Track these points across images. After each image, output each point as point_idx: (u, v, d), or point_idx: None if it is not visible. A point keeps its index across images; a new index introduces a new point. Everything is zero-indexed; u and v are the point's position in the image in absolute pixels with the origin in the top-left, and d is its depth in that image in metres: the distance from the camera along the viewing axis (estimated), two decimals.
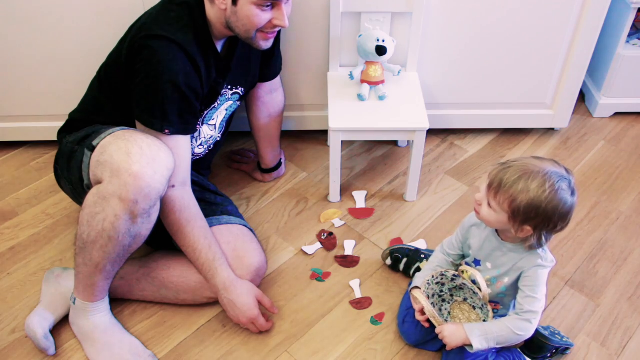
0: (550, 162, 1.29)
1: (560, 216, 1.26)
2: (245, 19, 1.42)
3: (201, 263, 1.52)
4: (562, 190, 1.25)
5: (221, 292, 1.52)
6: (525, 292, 1.36)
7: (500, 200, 1.28)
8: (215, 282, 1.52)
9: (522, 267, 1.36)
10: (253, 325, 1.54)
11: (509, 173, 1.27)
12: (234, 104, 1.71)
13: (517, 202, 1.25)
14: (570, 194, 1.26)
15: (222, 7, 1.42)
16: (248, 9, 1.40)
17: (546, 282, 1.36)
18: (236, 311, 1.52)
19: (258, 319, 1.53)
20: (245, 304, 1.51)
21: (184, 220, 1.49)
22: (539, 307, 1.35)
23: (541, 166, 1.27)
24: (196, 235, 1.50)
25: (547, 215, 1.25)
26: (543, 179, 1.24)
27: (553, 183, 1.24)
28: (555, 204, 1.24)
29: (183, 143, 1.48)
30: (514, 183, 1.26)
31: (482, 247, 1.42)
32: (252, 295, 1.53)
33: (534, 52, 1.98)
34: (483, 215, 1.34)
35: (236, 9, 1.41)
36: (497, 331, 1.35)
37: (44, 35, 1.83)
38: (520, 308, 1.36)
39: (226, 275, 1.52)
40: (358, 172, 2.07)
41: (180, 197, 1.47)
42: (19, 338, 1.56)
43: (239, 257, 1.57)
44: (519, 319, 1.36)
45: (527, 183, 1.24)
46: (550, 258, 1.37)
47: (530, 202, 1.24)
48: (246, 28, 1.44)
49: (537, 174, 1.25)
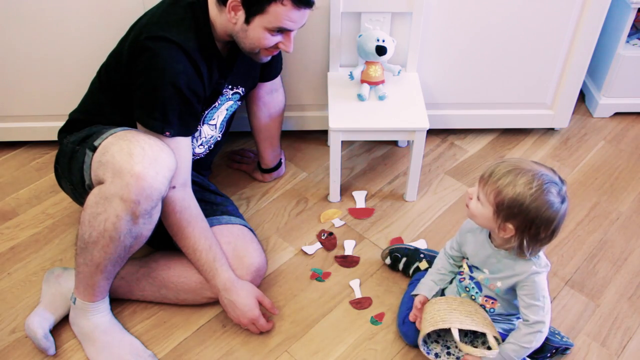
0: (546, 167, 1.29)
1: (543, 220, 1.25)
2: (254, 38, 1.45)
3: (201, 264, 1.52)
4: (549, 192, 1.24)
5: (222, 292, 1.52)
6: (525, 301, 1.34)
7: (488, 191, 1.29)
8: (215, 282, 1.52)
9: (518, 276, 1.35)
10: (254, 325, 1.54)
11: (501, 166, 1.28)
12: (235, 104, 1.71)
13: (502, 194, 1.26)
14: (559, 200, 1.25)
15: (233, 22, 1.44)
16: (259, 32, 1.43)
17: (546, 286, 1.35)
18: (237, 312, 1.52)
19: (259, 319, 1.53)
20: (245, 305, 1.51)
21: (185, 221, 1.49)
22: (544, 315, 1.34)
23: (536, 167, 1.27)
24: (196, 236, 1.50)
25: (529, 214, 1.24)
26: (532, 177, 1.25)
27: (541, 183, 1.24)
28: (539, 204, 1.24)
29: (184, 144, 1.48)
30: (502, 175, 1.27)
31: (477, 254, 1.42)
32: (252, 296, 1.53)
33: (534, 52, 1.98)
34: (471, 209, 1.34)
35: (247, 28, 1.43)
36: (514, 355, 1.36)
37: (44, 35, 1.83)
38: (527, 319, 1.35)
39: (227, 276, 1.52)
40: (358, 172, 2.07)
41: (180, 198, 1.47)
42: (19, 338, 1.56)
43: (239, 257, 1.58)
44: (530, 332, 1.34)
45: (516, 177, 1.25)
46: (544, 262, 1.36)
47: (515, 197, 1.24)
48: (252, 46, 1.48)
49: (527, 171, 1.26)
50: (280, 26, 1.42)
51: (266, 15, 1.40)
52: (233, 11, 1.41)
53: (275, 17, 1.40)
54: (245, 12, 1.41)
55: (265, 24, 1.42)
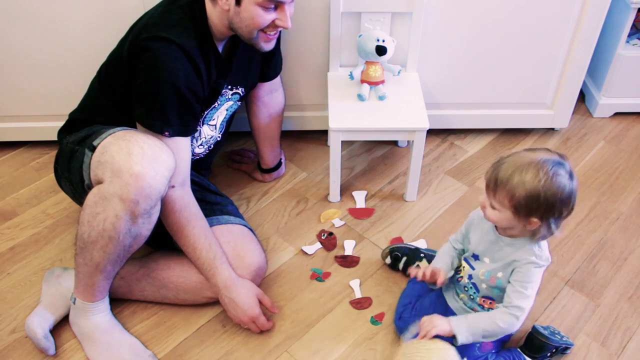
0: (542, 150, 1.29)
1: (562, 202, 1.26)
2: (249, 19, 1.43)
3: (201, 262, 1.52)
4: (558, 175, 1.25)
5: (222, 291, 1.52)
6: (515, 286, 1.36)
7: (500, 198, 1.29)
8: (215, 281, 1.52)
9: (516, 262, 1.36)
10: (254, 324, 1.54)
11: (502, 170, 1.28)
12: (234, 104, 1.71)
13: (516, 196, 1.26)
14: (567, 177, 1.26)
15: (225, 8, 1.43)
16: (252, 9, 1.41)
17: (539, 280, 1.37)
18: (237, 310, 1.52)
19: (259, 317, 1.53)
20: (246, 303, 1.51)
21: (184, 219, 1.49)
22: (527, 304, 1.36)
23: (533, 156, 1.27)
24: (196, 235, 1.50)
25: (548, 203, 1.25)
26: (537, 169, 1.25)
27: (547, 170, 1.24)
28: (554, 191, 1.25)
29: (183, 144, 1.48)
30: (509, 178, 1.26)
31: (482, 241, 1.43)
32: (252, 294, 1.53)
33: (534, 52, 1.98)
34: (489, 217, 1.34)
35: (239, 9, 1.42)
36: (484, 326, 1.36)
37: (44, 36, 1.83)
38: (509, 302, 1.36)
39: (227, 275, 1.52)
40: (358, 172, 2.07)
41: (180, 197, 1.47)
42: (19, 338, 1.56)
43: (238, 256, 1.58)
44: (506, 312, 1.36)
45: (522, 175, 1.25)
46: (545, 256, 1.36)
47: (529, 194, 1.25)
48: (249, 29, 1.45)
49: (529, 164, 1.25)
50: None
51: None
52: None
53: None
54: None
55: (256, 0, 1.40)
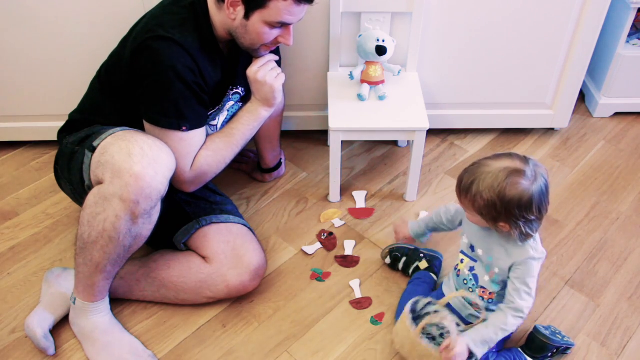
0: (505, 157, 1.32)
1: (522, 208, 1.28)
2: (254, 33, 1.45)
3: (250, 132, 1.62)
4: (513, 184, 1.27)
5: (260, 102, 1.62)
6: (515, 284, 1.37)
7: (466, 204, 1.35)
8: (252, 106, 1.62)
9: (514, 258, 1.37)
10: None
11: (465, 178, 1.33)
12: (235, 105, 1.71)
13: (477, 205, 1.31)
14: (529, 183, 1.27)
15: (232, 17, 1.44)
16: (259, 26, 1.44)
17: (537, 274, 1.38)
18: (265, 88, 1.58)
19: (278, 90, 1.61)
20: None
21: (216, 164, 1.56)
22: (530, 301, 1.37)
23: (494, 165, 1.30)
24: (235, 147, 1.60)
25: (506, 210, 1.28)
26: (493, 179, 1.28)
27: (501, 181, 1.27)
28: (509, 199, 1.27)
29: (199, 134, 1.51)
30: (468, 188, 1.32)
31: (475, 232, 1.45)
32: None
33: (534, 52, 1.98)
34: (469, 219, 1.41)
35: (247, 23, 1.43)
36: (493, 336, 1.38)
37: (44, 36, 1.83)
38: (512, 301, 1.37)
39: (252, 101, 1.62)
40: (358, 172, 2.07)
41: (205, 163, 1.53)
42: (19, 338, 1.56)
43: (238, 256, 1.57)
44: (511, 315, 1.37)
45: (479, 186, 1.30)
46: (540, 249, 1.38)
47: (487, 203, 1.29)
48: (253, 42, 1.48)
49: (487, 174, 1.29)
50: (281, 21, 1.43)
51: (266, 10, 1.40)
52: (232, 7, 1.41)
53: (276, 12, 1.41)
54: (244, 7, 1.41)
55: (265, 18, 1.42)
